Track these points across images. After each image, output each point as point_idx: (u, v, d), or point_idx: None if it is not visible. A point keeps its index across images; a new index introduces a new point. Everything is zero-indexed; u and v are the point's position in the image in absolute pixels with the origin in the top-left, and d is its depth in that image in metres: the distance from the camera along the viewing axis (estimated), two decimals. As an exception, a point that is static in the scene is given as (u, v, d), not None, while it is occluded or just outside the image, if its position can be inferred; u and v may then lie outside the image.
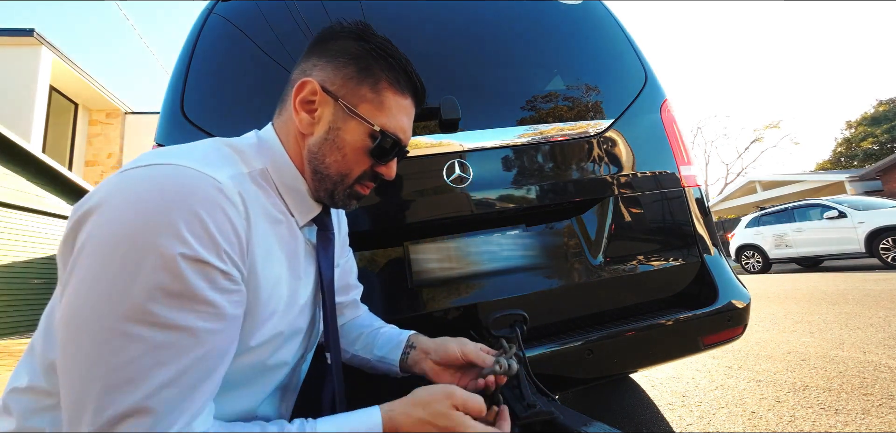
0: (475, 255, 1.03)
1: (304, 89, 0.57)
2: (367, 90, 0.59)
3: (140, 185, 0.41)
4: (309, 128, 0.58)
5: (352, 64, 0.59)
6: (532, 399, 0.68)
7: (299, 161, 0.60)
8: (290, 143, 0.60)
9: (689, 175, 1.19)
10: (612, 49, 1.31)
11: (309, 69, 0.60)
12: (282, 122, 0.61)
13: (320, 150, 0.58)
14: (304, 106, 0.58)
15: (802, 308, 3.71)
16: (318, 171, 0.59)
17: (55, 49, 8.82)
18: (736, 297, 1.06)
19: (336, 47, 0.60)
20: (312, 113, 0.58)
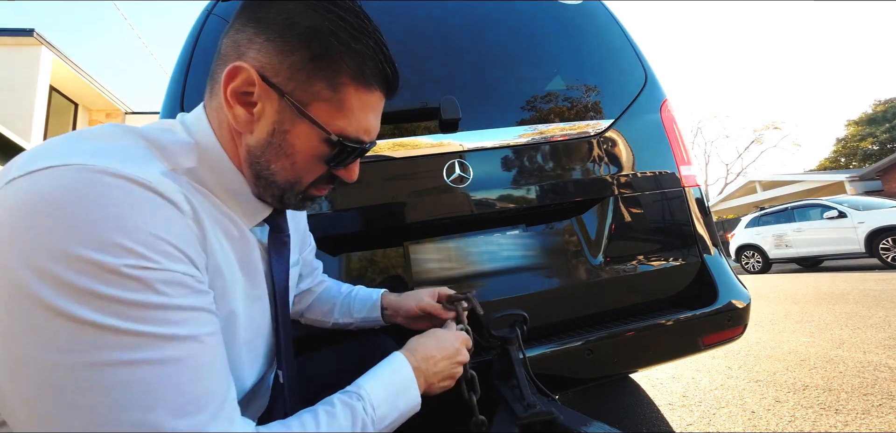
0: (475, 255, 1.03)
1: (236, 78, 0.42)
2: (323, 86, 0.44)
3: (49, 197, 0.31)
4: (246, 126, 0.44)
5: (303, 47, 0.43)
6: (532, 399, 0.68)
7: (234, 158, 0.47)
8: (224, 136, 0.46)
9: (689, 175, 1.19)
10: (612, 49, 1.31)
11: (243, 46, 0.44)
12: (213, 109, 0.46)
13: (263, 155, 0.45)
14: (238, 98, 0.43)
15: (802, 308, 3.71)
16: (261, 175, 0.47)
17: (55, 49, 8.82)
18: (736, 297, 1.06)
19: (281, 17, 0.43)
20: (250, 109, 0.44)
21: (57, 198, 0.30)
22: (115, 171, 0.33)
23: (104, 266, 0.30)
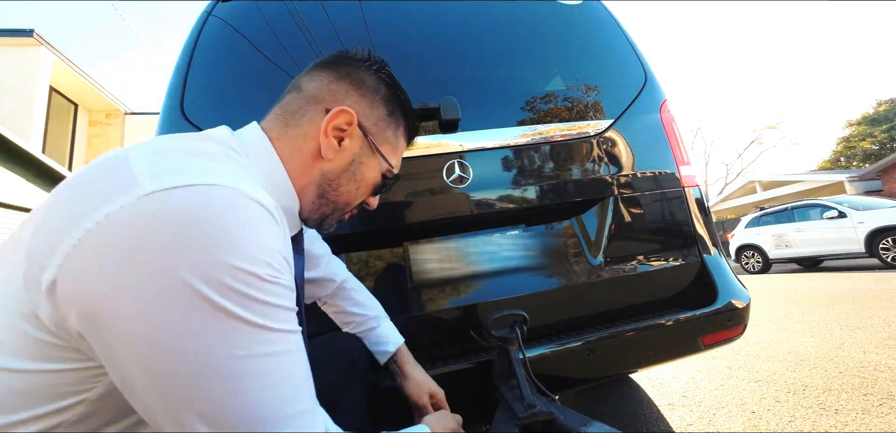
0: (475, 256, 1.04)
1: (339, 117, 0.56)
2: (391, 133, 0.63)
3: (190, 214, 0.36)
4: (331, 153, 0.57)
5: (383, 106, 0.62)
6: (532, 399, 0.68)
7: (300, 181, 0.57)
8: (296, 161, 0.57)
9: (689, 175, 1.19)
10: (611, 49, 1.31)
11: (341, 95, 0.58)
12: (290, 137, 0.57)
13: (337, 179, 0.59)
14: (334, 132, 0.56)
15: (802, 308, 3.71)
16: (325, 195, 0.59)
17: (55, 49, 8.82)
18: (736, 297, 1.06)
19: (371, 84, 0.61)
20: (340, 141, 0.57)
21: (212, 213, 0.37)
22: (247, 194, 0.40)
23: (253, 274, 0.37)
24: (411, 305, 0.97)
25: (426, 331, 0.97)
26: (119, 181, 0.37)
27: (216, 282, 0.35)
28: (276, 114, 0.59)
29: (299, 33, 1.12)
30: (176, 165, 0.39)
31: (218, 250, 0.36)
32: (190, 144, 0.45)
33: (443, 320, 0.97)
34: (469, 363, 0.89)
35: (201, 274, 0.35)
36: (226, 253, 0.36)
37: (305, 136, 0.57)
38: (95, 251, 0.35)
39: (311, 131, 0.57)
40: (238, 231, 0.37)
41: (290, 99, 0.59)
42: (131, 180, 0.37)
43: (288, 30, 1.13)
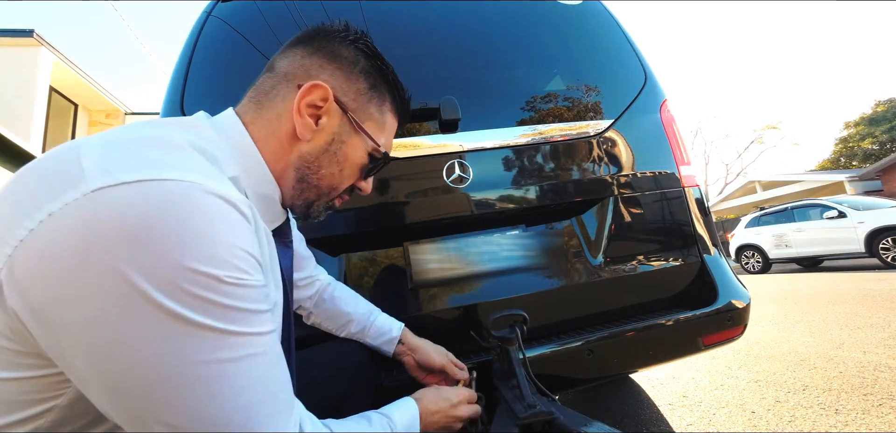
0: (475, 256, 1.03)
1: (312, 93, 0.52)
2: (374, 108, 0.58)
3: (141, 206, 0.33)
4: (308, 133, 0.53)
5: (363, 79, 0.57)
6: (532, 399, 0.68)
7: (277, 165, 0.53)
8: (271, 144, 0.53)
9: (689, 175, 1.19)
10: (611, 49, 1.31)
11: (314, 70, 0.54)
12: (264, 120, 0.53)
13: (317, 160, 0.55)
14: (308, 109, 0.52)
15: (802, 308, 3.71)
16: (305, 179, 0.55)
17: (55, 50, 8.82)
18: (736, 297, 1.06)
19: (347, 56, 0.57)
20: (317, 119, 0.53)
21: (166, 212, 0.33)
22: (206, 188, 0.36)
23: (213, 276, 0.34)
24: (411, 305, 0.97)
25: (426, 332, 0.97)
26: (66, 176, 0.34)
27: (171, 287, 0.32)
28: (249, 96, 0.56)
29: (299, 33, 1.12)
30: (129, 158, 0.36)
31: (173, 252, 0.32)
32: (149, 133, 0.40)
33: (443, 320, 0.97)
34: (469, 363, 0.89)
35: (153, 278, 0.32)
36: (181, 254, 0.33)
37: (279, 117, 0.53)
38: (38, 252, 0.32)
39: (284, 111, 0.53)
40: (195, 230, 0.34)
41: (263, 79, 0.56)
42: (79, 174, 0.34)
43: (288, 30, 1.13)
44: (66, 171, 0.34)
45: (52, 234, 0.32)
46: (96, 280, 0.31)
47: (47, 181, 0.34)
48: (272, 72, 0.56)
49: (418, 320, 0.96)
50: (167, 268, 0.32)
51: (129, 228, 0.32)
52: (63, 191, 0.33)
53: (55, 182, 0.34)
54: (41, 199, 0.33)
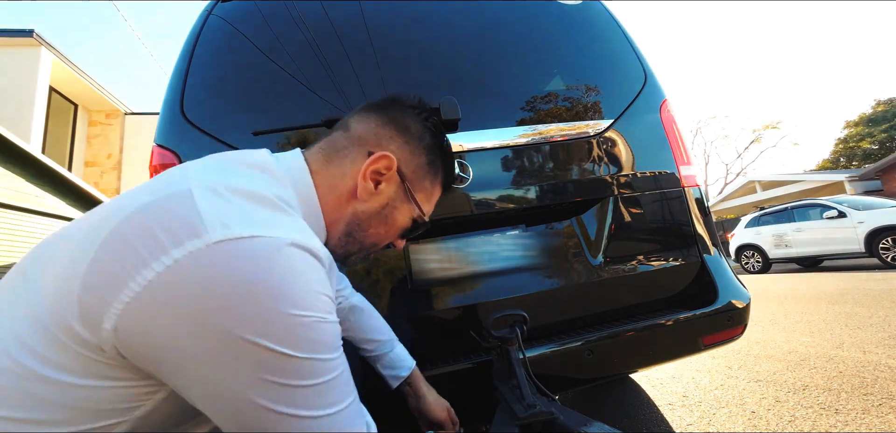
0: (475, 256, 1.03)
1: (380, 162, 0.57)
2: (428, 182, 0.64)
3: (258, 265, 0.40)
4: (366, 195, 0.58)
5: (425, 154, 0.62)
6: (532, 399, 0.68)
7: (331, 216, 0.59)
8: (330, 197, 0.58)
9: (689, 175, 1.19)
10: (611, 49, 1.31)
11: (384, 140, 0.60)
12: (329, 174, 0.58)
13: (368, 220, 0.60)
14: (373, 175, 0.57)
15: (802, 308, 3.72)
16: (353, 234, 0.60)
17: (55, 50, 8.82)
18: (736, 297, 1.06)
19: (415, 131, 0.62)
20: (376, 183, 0.58)
21: (275, 268, 0.40)
22: (300, 244, 0.43)
23: (313, 319, 0.41)
24: (411, 305, 0.97)
25: (426, 331, 0.97)
26: (186, 223, 0.39)
27: (280, 334, 0.39)
28: (321, 147, 0.61)
29: (299, 33, 1.12)
30: (240, 213, 0.42)
31: (281, 303, 0.39)
32: (247, 185, 0.46)
33: (443, 320, 0.97)
34: (469, 363, 0.89)
35: (267, 330, 0.38)
36: (287, 304, 0.39)
37: (344, 175, 0.58)
38: (165, 296, 0.37)
39: (350, 171, 0.58)
40: (296, 283, 0.41)
41: (337, 136, 0.61)
42: (199, 223, 0.39)
43: (288, 29, 1.13)
44: (186, 218, 0.39)
45: (178, 280, 0.37)
46: (214, 326, 0.37)
47: (168, 225, 0.39)
48: (347, 131, 0.61)
49: (418, 320, 0.96)
50: (277, 317, 0.39)
51: (247, 280, 0.38)
52: (187, 238, 0.38)
53: (177, 227, 0.39)
54: (165, 244, 0.38)
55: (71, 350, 0.38)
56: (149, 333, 0.37)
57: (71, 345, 0.38)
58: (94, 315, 0.37)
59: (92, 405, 0.39)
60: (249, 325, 0.38)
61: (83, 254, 0.39)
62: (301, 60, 1.08)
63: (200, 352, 0.38)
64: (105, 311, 0.37)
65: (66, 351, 0.38)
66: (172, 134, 1.00)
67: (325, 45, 1.11)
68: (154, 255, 0.37)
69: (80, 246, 0.40)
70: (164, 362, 0.39)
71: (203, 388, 0.39)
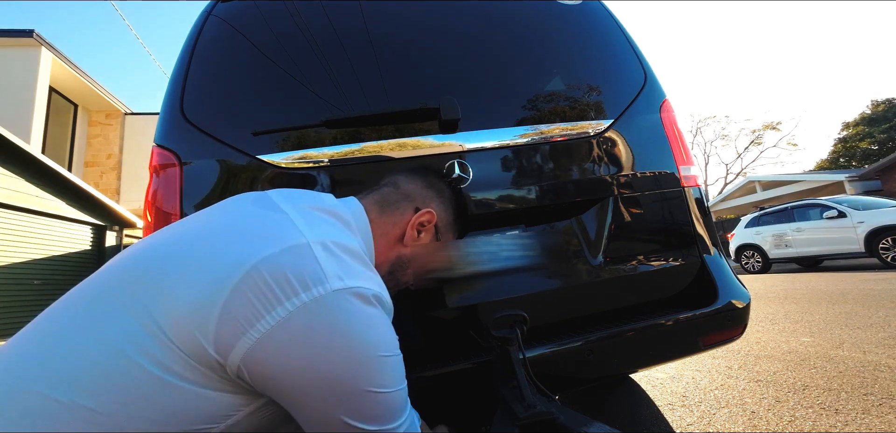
0: (475, 255, 1.03)
1: (425, 216, 0.72)
2: (453, 234, 0.81)
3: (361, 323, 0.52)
4: (411, 242, 0.72)
5: (452, 212, 0.79)
6: (532, 399, 0.68)
7: (380, 258, 0.70)
8: (381, 242, 0.70)
9: (689, 175, 1.19)
10: (611, 49, 1.31)
11: (427, 199, 0.75)
12: (382, 222, 0.71)
13: (410, 262, 0.74)
14: (417, 226, 0.72)
15: (802, 308, 3.71)
16: (395, 274, 0.73)
17: (55, 50, 8.82)
18: (736, 297, 1.06)
19: (447, 195, 0.79)
20: (419, 234, 0.73)
21: (372, 320, 0.53)
22: (382, 299, 0.56)
23: (394, 356, 0.55)
24: (411, 306, 0.97)
25: (426, 332, 0.97)
26: (312, 273, 0.49)
27: (377, 378, 0.51)
28: (375, 199, 0.73)
29: (299, 33, 1.12)
30: (348, 267, 0.53)
31: (376, 348, 0.51)
32: (343, 240, 0.57)
33: (443, 320, 0.97)
34: (469, 363, 0.89)
35: (370, 376, 0.50)
36: (378, 348, 0.52)
37: (394, 224, 0.72)
38: (295, 331, 0.46)
39: (400, 221, 0.72)
40: (381, 331, 0.53)
41: (388, 191, 0.75)
42: (321, 274, 0.49)
43: (288, 29, 1.13)
44: (309, 267, 0.49)
45: (307, 317, 0.47)
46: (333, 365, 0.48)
47: (297, 274, 0.48)
48: (397, 188, 0.76)
49: (418, 320, 0.96)
50: (374, 363, 0.51)
51: (358, 326, 0.50)
52: (314, 285, 0.48)
53: (306, 277, 0.48)
54: (290, 290, 0.47)
55: (190, 363, 0.45)
56: (276, 362, 0.46)
57: (191, 360, 0.45)
58: (229, 340, 0.45)
59: (195, 409, 0.46)
60: (357, 373, 0.49)
61: (221, 286, 0.46)
62: (301, 60, 1.08)
63: (318, 385, 0.48)
64: (239, 339, 0.45)
65: (184, 363, 0.45)
66: (172, 134, 1.00)
67: (325, 44, 1.11)
68: (287, 296, 0.46)
69: (215, 277, 0.47)
70: (284, 387, 0.47)
71: (308, 409, 0.49)
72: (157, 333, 0.44)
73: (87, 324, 0.45)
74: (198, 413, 0.46)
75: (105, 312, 0.46)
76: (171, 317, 0.45)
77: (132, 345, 0.44)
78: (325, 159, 0.98)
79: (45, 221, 7.32)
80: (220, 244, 0.50)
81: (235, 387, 0.47)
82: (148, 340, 0.44)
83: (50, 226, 7.42)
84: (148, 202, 0.97)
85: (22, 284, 6.82)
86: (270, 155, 0.98)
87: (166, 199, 0.94)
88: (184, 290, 0.46)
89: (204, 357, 0.45)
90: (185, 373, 0.44)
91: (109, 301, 0.47)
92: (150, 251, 0.51)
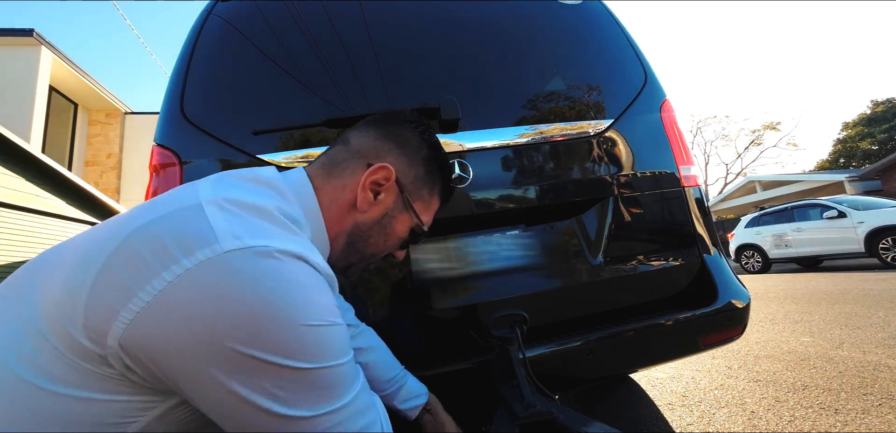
0: (475, 255, 1.03)
1: (379, 173, 0.60)
2: (426, 192, 0.66)
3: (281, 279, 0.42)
4: (366, 206, 0.60)
5: (422, 165, 0.65)
6: (532, 399, 0.68)
7: (333, 229, 0.60)
8: (332, 210, 0.60)
9: (689, 175, 1.19)
10: (611, 49, 1.31)
11: (383, 152, 0.62)
12: (331, 187, 0.60)
13: (368, 230, 0.62)
14: (372, 185, 0.60)
15: (802, 308, 3.72)
16: (354, 244, 0.62)
17: (55, 49, 8.82)
18: (736, 297, 1.06)
19: (413, 143, 0.65)
20: (375, 195, 0.61)
21: (282, 276, 0.41)
22: (310, 261, 0.45)
23: (324, 325, 0.43)
24: (411, 305, 0.97)
25: (426, 331, 0.97)
26: (197, 234, 0.40)
27: (294, 347, 0.40)
28: (321, 162, 0.63)
29: (299, 32, 1.12)
30: (250, 225, 0.43)
31: (293, 314, 0.40)
32: (256, 200, 0.47)
33: (443, 320, 0.97)
34: (469, 363, 0.89)
35: (280, 346, 0.39)
36: (298, 315, 0.41)
37: (344, 187, 0.60)
38: (176, 305, 0.37)
39: (350, 183, 0.60)
40: (304, 293, 0.42)
41: (336, 150, 0.63)
42: (210, 234, 0.40)
43: (288, 29, 1.13)
44: (198, 230, 0.40)
45: (191, 287, 0.37)
46: (231, 334, 0.38)
47: (179, 237, 0.40)
48: (346, 145, 0.63)
49: (418, 320, 0.96)
50: (287, 331, 0.40)
51: (256, 292, 0.39)
52: (198, 248, 0.39)
53: (189, 239, 0.39)
54: (176, 254, 0.38)
55: (71, 362, 0.38)
56: (158, 343, 0.37)
57: (71, 358, 0.38)
58: (101, 325, 0.37)
59: (91, 419, 0.39)
60: (262, 342, 0.38)
61: (89, 266, 0.39)
62: (301, 60, 1.08)
63: (212, 362, 0.38)
64: (112, 321, 0.37)
65: (66, 363, 0.38)
66: (172, 133, 1.00)
67: (325, 44, 1.11)
68: (164, 265, 0.38)
69: (85, 258, 0.40)
70: (173, 372, 0.38)
71: (210, 398, 0.39)
72: (37, 337, 0.38)
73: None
74: (94, 420, 0.39)
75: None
76: (46, 314, 0.39)
77: (14, 356, 0.38)
78: (325, 159, 0.98)
79: (45, 221, 7.32)
80: (106, 225, 0.44)
81: (130, 386, 0.39)
82: (29, 347, 0.38)
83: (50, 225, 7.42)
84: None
85: (22, 284, 6.80)
86: (270, 154, 0.98)
87: (166, 199, 0.94)
88: (57, 280, 0.40)
89: (81, 350, 0.38)
90: (70, 377, 0.38)
91: (2, 310, 0.42)
92: (50, 250, 0.45)
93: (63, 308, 0.38)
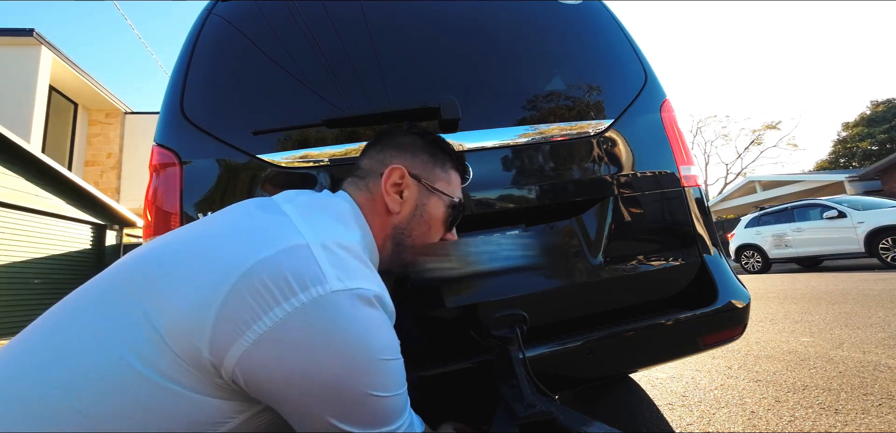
0: (475, 255, 1.03)
1: (393, 175, 0.68)
2: (440, 171, 0.74)
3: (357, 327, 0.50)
4: (396, 206, 0.69)
5: (424, 152, 0.73)
6: (532, 399, 0.68)
7: (379, 238, 0.69)
8: (374, 221, 0.69)
9: (689, 175, 1.19)
10: (611, 49, 1.31)
11: (387, 160, 0.71)
12: (366, 200, 0.69)
13: (409, 225, 0.70)
14: (393, 188, 0.69)
15: (802, 308, 3.71)
16: (401, 243, 0.71)
17: (55, 49, 8.82)
18: (736, 297, 1.06)
19: (407, 141, 0.74)
20: (400, 193, 0.69)
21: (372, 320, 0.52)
22: (383, 299, 0.55)
23: (395, 360, 0.54)
24: (411, 305, 0.97)
25: (426, 331, 0.97)
26: (311, 273, 0.48)
27: (378, 377, 0.50)
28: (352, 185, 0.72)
29: (299, 32, 1.12)
30: (348, 266, 0.53)
31: (376, 351, 0.50)
32: (344, 239, 0.57)
33: (443, 320, 0.97)
34: (469, 363, 0.89)
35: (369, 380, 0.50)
36: (378, 351, 0.51)
37: (375, 200, 0.69)
38: (293, 331, 0.45)
39: (377, 193, 0.69)
40: (382, 333, 0.53)
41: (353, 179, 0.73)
42: (320, 274, 0.48)
43: (288, 29, 1.13)
44: (307, 267, 0.49)
45: (306, 318, 0.46)
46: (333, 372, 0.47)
47: (296, 274, 0.47)
48: (359, 171, 0.74)
49: (418, 320, 0.96)
50: (374, 362, 0.50)
51: (357, 331, 0.49)
52: (312, 285, 0.47)
53: (304, 277, 0.48)
54: (287, 291, 0.46)
55: (183, 366, 0.44)
56: (272, 365, 0.45)
57: (184, 362, 0.44)
58: (225, 344, 0.44)
59: (188, 417, 0.45)
60: (355, 375, 0.48)
61: (216, 287, 0.45)
62: (301, 60, 1.08)
63: (315, 388, 0.47)
64: (235, 341, 0.44)
65: (179, 366, 0.44)
66: (172, 133, 1.00)
67: (326, 44, 1.11)
68: (285, 297, 0.45)
69: (212, 279, 0.46)
70: (278, 392, 0.46)
71: (303, 413, 0.48)
72: (153, 336, 0.44)
73: (86, 326, 0.45)
74: (190, 418, 0.45)
75: (104, 315, 0.46)
76: (167, 320, 0.44)
77: (127, 348, 0.43)
78: (326, 158, 0.98)
79: (45, 220, 7.32)
80: (220, 247, 0.50)
81: (229, 394, 0.47)
82: (144, 343, 0.44)
83: (50, 225, 7.42)
84: (148, 201, 0.97)
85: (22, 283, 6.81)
86: (270, 154, 0.98)
87: (166, 198, 0.94)
88: (182, 293, 0.46)
89: (198, 360, 0.44)
90: (179, 377, 0.44)
91: (109, 304, 0.47)
92: (152, 254, 0.51)
93: (190, 321, 0.44)
